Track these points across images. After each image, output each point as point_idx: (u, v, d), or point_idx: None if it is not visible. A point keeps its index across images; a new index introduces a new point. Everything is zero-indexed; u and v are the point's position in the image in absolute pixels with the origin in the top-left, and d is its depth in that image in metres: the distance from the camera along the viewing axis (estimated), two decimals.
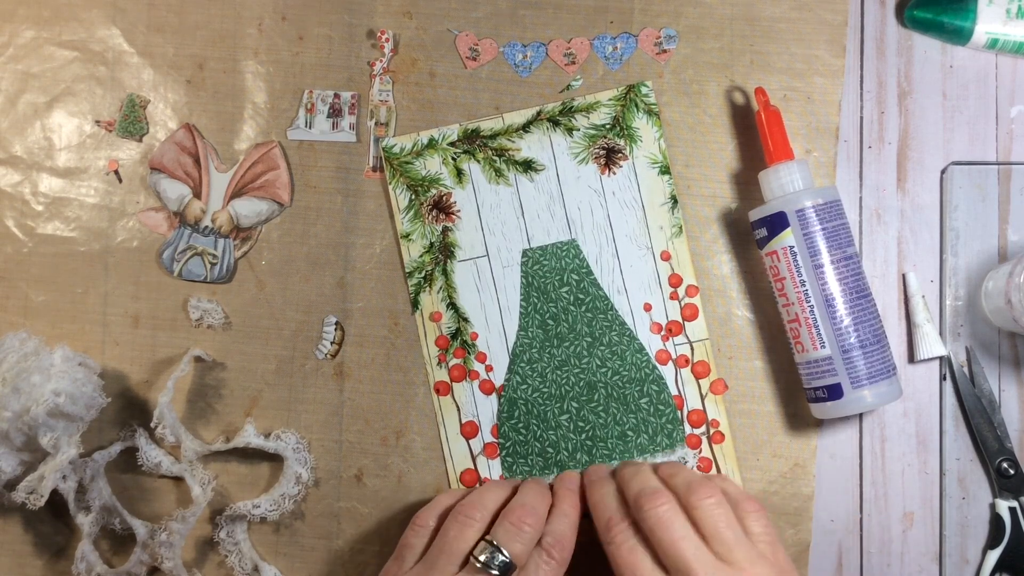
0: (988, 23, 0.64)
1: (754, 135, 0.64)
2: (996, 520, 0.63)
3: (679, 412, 0.65)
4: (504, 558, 0.55)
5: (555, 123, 0.66)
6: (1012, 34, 0.64)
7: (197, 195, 0.67)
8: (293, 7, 0.67)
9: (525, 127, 0.66)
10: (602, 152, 0.65)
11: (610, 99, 0.65)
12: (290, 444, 0.65)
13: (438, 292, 0.66)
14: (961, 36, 0.64)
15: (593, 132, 0.65)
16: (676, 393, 0.65)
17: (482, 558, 0.55)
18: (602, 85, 0.66)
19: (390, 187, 0.66)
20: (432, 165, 0.66)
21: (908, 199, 0.65)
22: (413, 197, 0.66)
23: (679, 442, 0.64)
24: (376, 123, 0.67)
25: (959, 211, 0.65)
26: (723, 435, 0.64)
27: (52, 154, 0.67)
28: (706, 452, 0.64)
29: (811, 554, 0.64)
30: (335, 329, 0.66)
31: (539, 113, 0.66)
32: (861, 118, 0.66)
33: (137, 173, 0.67)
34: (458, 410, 0.65)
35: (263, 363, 0.66)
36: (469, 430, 0.65)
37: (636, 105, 0.65)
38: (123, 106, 0.68)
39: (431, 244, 0.66)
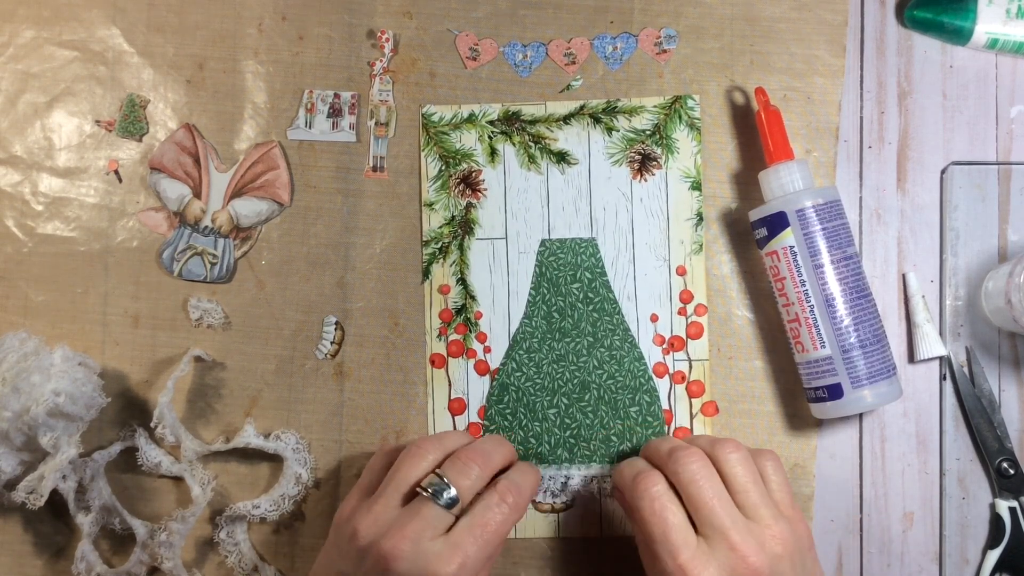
0: (988, 23, 0.64)
1: (754, 135, 0.64)
2: (996, 520, 0.63)
3: (666, 427, 0.65)
4: (450, 491, 0.55)
5: (596, 120, 0.66)
6: (1012, 34, 0.64)
7: (197, 195, 0.67)
8: (293, 7, 0.67)
9: (566, 119, 0.66)
10: (637, 157, 0.65)
11: (655, 106, 0.65)
12: (290, 444, 0.65)
13: (451, 265, 0.66)
14: (961, 36, 0.64)
15: (632, 136, 0.65)
16: (667, 407, 0.65)
17: (428, 489, 0.55)
18: (602, 85, 0.66)
19: (422, 154, 0.66)
20: (468, 140, 0.66)
21: (908, 199, 0.65)
22: (443, 168, 0.66)
23: None
24: (376, 123, 0.67)
25: (959, 211, 0.65)
26: None
27: (52, 154, 0.67)
28: None
29: None
30: (335, 329, 0.66)
31: (582, 107, 0.66)
32: (861, 118, 0.66)
33: (137, 173, 0.67)
34: (449, 385, 0.65)
35: (263, 363, 0.66)
36: (456, 407, 0.65)
37: (680, 116, 0.65)
38: (123, 106, 0.68)
39: (452, 217, 0.66)
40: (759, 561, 0.52)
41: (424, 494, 0.55)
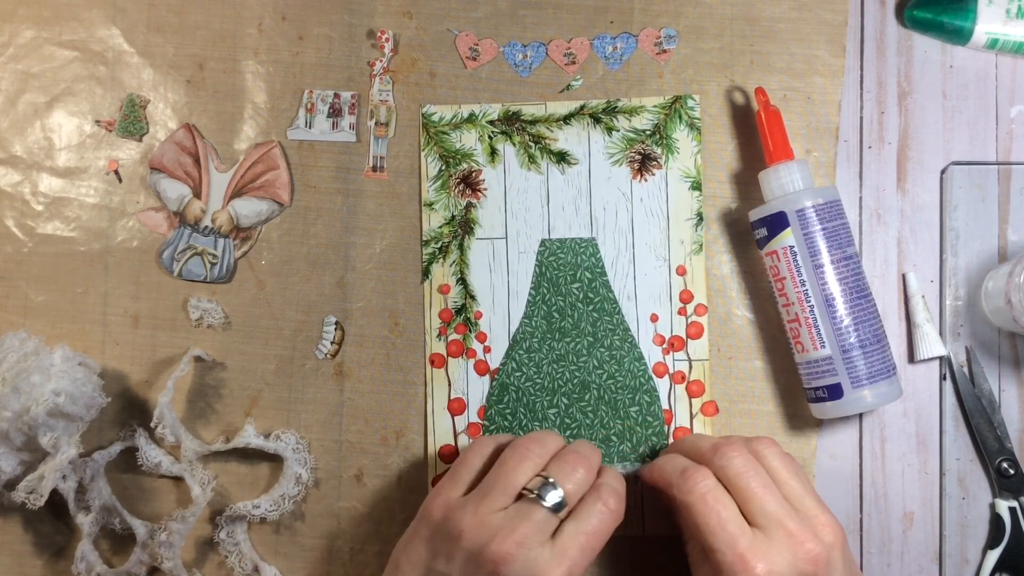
0: (988, 23, 0.64)
1: (754, 135, 0.64)
2: (996, 520, 0.63)
3: (666, 427, 0.65)
4: (558, 494, 0.54)
5: (596, 120, 0.66)
6: (1012, 34, 0.64)
7: (197, 195, 0.67)
8: (293, 7, 0.67)
9: (566, 118, 0.66)
10: (637, 157, 0.65)
11: (655, 106, 0.65)
12: (290, 444, 0.65)
13: (451, 265, 0.66)
14: (961, 36, 0.64)
15: (632, 136, 0.65)
16: (666, 407, 0.65)
17: (536, 492, 0.54)
18: (602, 85, 0.66)
19: (422, 153, 0.66)
20: (468, 140, 0.66)
21: (908, 199, 0.65)
22: (443, 168, 0.66)
23: None
24: (376, 123, 0.67)
25: (959, 211, 0.65)
26: None
27: (52, 154, 0.67)
28: None
29: None
30: (335, 329, 0.66)
31: (582, 107, 0.66)
32: (861, 118, 0.66)
33: (137, 173, 0.67)
34: (449, 385, 0.65)
35: (263, 363, 0.66)
36: (456, 407, 0.65)
37: (680, 116, 0.65)
38: (123, 106, 0.68)
39: (452, 217, 0.66)
40: (817, 547, 0.53)
41: (531, 496, 0.54)
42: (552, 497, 0.54)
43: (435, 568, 0.54)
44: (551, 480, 0.55)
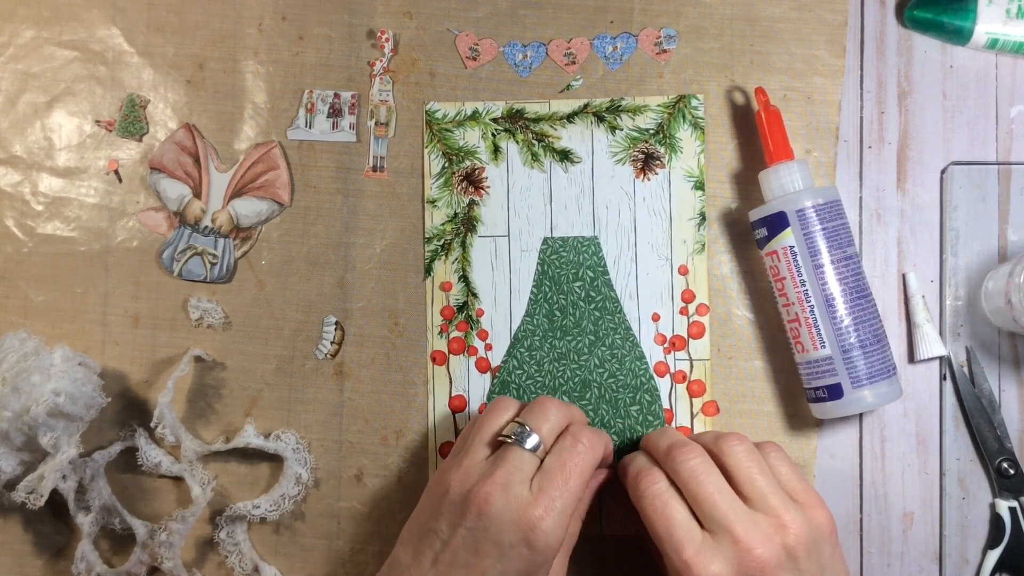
0: (988, 23, 0.64)
1: (754, 135, 0.64)
2: (996, 520, 0.63)
3: (667, 426, 0.65)
4: (532, 436, 0.55)
5: (600, 119, 0.66)
6: (1012, 34, 0.64)
7: (197, 195, 0.67)
8: (293, 7, 0.67)
9: (569, 117, 0.66)
10: (641, 156, 0.65)
11: (659, 105, 0.65)
12: (290, 444, 0.65)
13: (453, 263, 0.66)
14: (961, 36, 0.64)
15: (636, 135, 0.65)
16: (667, 407, 0.65)
17: (511, 436, 0.55)
18: (602, 85, 0.66)
19: (425, 150, 0.66)
20: (471, 137, 0.66)
21: (908, 199, 0.65)
22: (446, 165, 0.66)
23: None
24: (376, 123, 0.67)
25: (959, 211, 0.65)
26: None
27: (52, 154, 0.67)
28: None
29: None
30: (335, 329, 0.66)
31: (586, 106, 0.66)
32: (861, 118, 0.66)
33: (137, 173, 0.67)
34: (450, 382, 0.65)
35: (263, 363, 0.66)
36: (457, 404, 0.65)
37: (683, 116, 0.65)
38: (123, 106, 0.68)
39: (455, 214, 0.66)
40: (766, 552, 0.51)
41: (508, 441, 0.55)
42: (528, 440, 0.55)
43: (429, 527, 0.55)
44: (526, 425, 0.56)
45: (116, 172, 0.68)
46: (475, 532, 0.53)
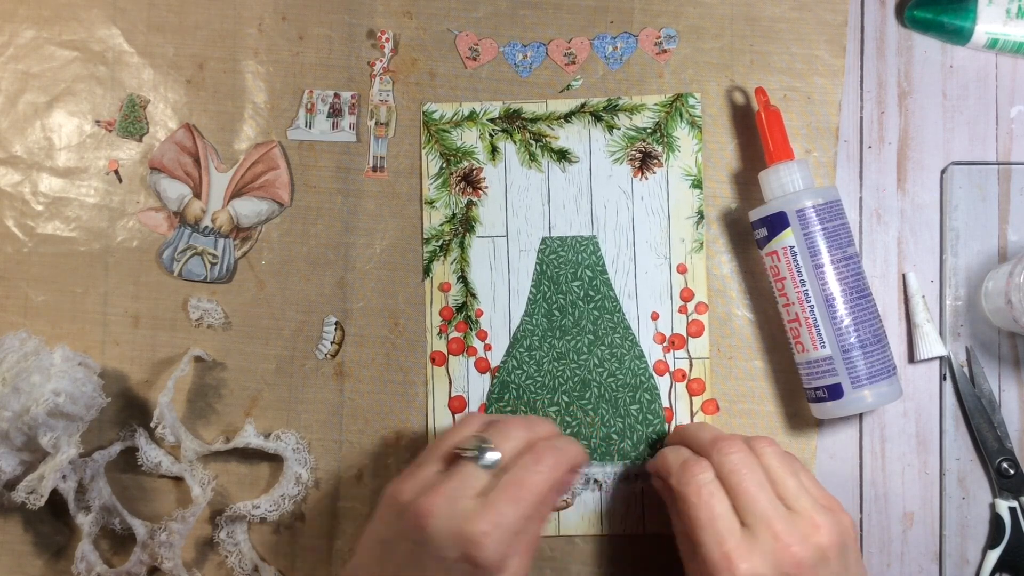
0: (988, 23, 0.64)
1: (754, 135, 0.64)
2: (996, 520, 0.63)
3: (667, 425, 0.65)
4: (494, 453, 0.54)
5: (597, 118, 0.66)
6: (1012, 34, 0.64)
7: (197, 195, 0.67)
8: (293, 7, 0.67)
9: (567, 116, 0.66)
10: (638, 155, 0.65)
11: (656, 104, 0.65)
12: (290, 444, 0.65)
13: (452, 263, 0.66)
14: (961, 36, 0.64)
15: (633, 134, 0.65)
16: (667, 406, 0.65)
17: (469, 451, 0.54)
18: (602, 85, 0.66)
19: (423, 151, 0.66)
20: (468, 138, 0.66)
21: (908, 199, 0.65)
22: (444, 166, 0.66)
23: None
24: (376, 123, 0.67)
25: (959, 211, 0.65)
26: None
27: (52, 154, 0.67)
28: None
29: None
30: (335, 329, 0.66)
31: (583, 105, 0.66)
32: (861, 118, 0.66)
33: (137, 173, 0.67)
34: (450, 383, 0.65)
35: (263, 363, 0.66)
36: (457, 404, 0.65)
37: (681, 115, 0.65)
38: (123, 106, 0.68)
39: (453, 215, 0.66)
40: (802, 551, 0.52)
41: (465, 455, 0.54)
42: (487, 457, 0.54)
43: (381, 536, 0.54)
44: (487, 441, 0.54)
45: (116, 172, 0.68)
46: (419, 545, 0.51)
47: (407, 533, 0.52)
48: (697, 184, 0.65)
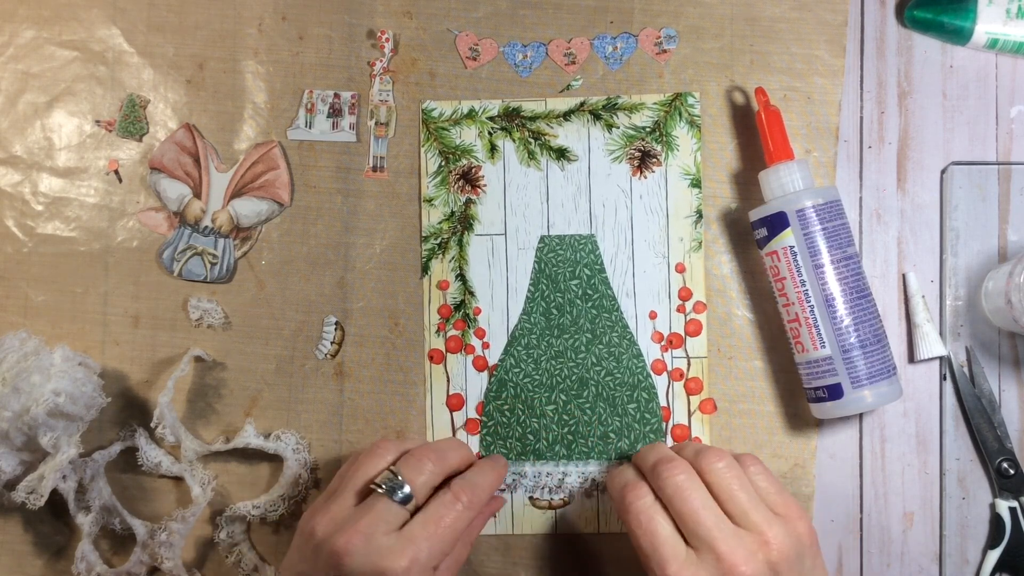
0: (988, 23, 0.64)
1: (754, 135, 0.64)
2: (996, 520, 0.63)
3: (664, 424, 0.65)
4: (404, 488, 0.55)
5: (596, 116, 0.66)
6: (1012, 34, 0.64)
7: (197, 195, 0.67)
8: (293, 7, 0.67)
9: (566, 115, 0.66)
10: (637, 154, 0.65)
11: (655, 103, 0.65)
12: (290, 444, 0.65)
13: (450, 261, 0.66)
14: (961, 36, 0.64)
15: (632, 133, 0.66)
16: (665, 404, 0.65)
17: (382, 486, 0.55)
18: (602, 85, 0.66)
19: (422, 149, 0.66)
20: (468, 136, 0.66)
21: (908, 199, 0.65)
22: (443, 164, 0.66)
23: None
24: (376, 123, 0.67)
25: (959, 211, 0.65)
26: None
27: (52, 154, 0.67)
28: None
29: None
30: (335, 329, 0.66)
31: (582, 104, 0.66)
32: (861, 118, 0.66)
33: (137, 173, 0.67)
34: (447, 381, 0.65)
35: (263, 363, 0.66)
36: (455, 402, 0.65)
37: (680, 114, 0.65)
38: (123, 106, 0.68)
39: (452, 213, 0.66)
40: (749, 570, 0.51)
41: (379, 491, 0.55)
42: (399, 492, 0.55)
43: (299, 569, 0.55)
44: (398, 475, 0.55)
45: (116, 172, 0.68)
46: None
47: (325, 570, 0.53)
48: (696, 183, 0.65)
